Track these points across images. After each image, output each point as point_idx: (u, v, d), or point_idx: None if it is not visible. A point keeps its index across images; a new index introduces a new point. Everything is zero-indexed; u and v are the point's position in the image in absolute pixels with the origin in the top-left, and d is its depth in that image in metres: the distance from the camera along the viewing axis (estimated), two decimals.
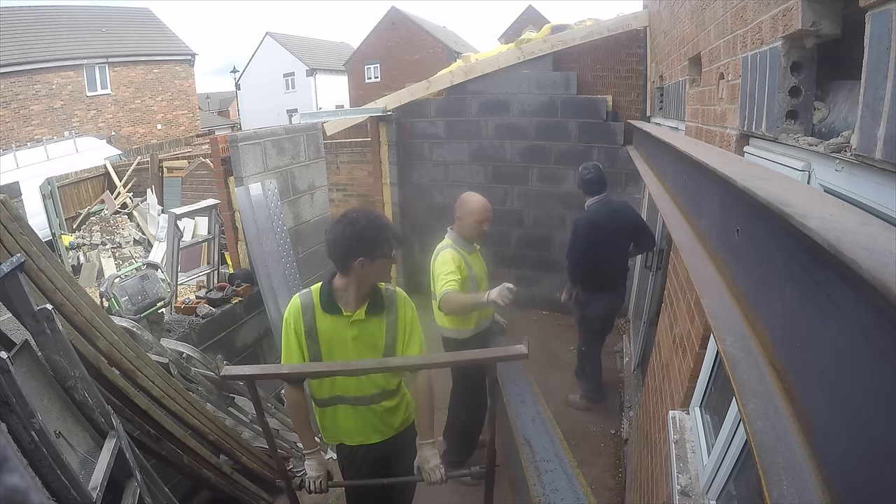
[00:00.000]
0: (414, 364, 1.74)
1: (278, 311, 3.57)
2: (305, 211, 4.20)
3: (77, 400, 1.62)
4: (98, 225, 8.66)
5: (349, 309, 1.77)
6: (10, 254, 1.62)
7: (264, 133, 3.75)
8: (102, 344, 1.95)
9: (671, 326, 2.16)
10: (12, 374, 1.25)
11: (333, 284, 1.78)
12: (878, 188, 0.78)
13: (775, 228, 0.70)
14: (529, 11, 22.99)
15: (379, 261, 1.70)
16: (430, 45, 22.88)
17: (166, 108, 18.79)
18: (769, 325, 0.76)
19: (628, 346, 4.38)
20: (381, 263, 1.72)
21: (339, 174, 6.80)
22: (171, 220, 3.92)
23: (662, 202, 1.79)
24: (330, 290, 1.78)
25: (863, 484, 0.48)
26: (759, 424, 0.63)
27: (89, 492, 1.41)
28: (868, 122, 0.75)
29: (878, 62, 0.72)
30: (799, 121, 1.12)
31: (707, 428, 1.64)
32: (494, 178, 5.31)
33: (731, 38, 1.58)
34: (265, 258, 3.54)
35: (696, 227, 1.33)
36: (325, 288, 1.79)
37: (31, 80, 14.90)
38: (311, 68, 26.35)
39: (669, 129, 2.93)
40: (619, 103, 4.94)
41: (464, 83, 5.15)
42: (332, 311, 1.77)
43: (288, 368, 1.72)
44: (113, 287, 2.98)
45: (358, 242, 1.66)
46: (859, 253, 0.45)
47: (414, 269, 5.92)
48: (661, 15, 3.74)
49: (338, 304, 1.77)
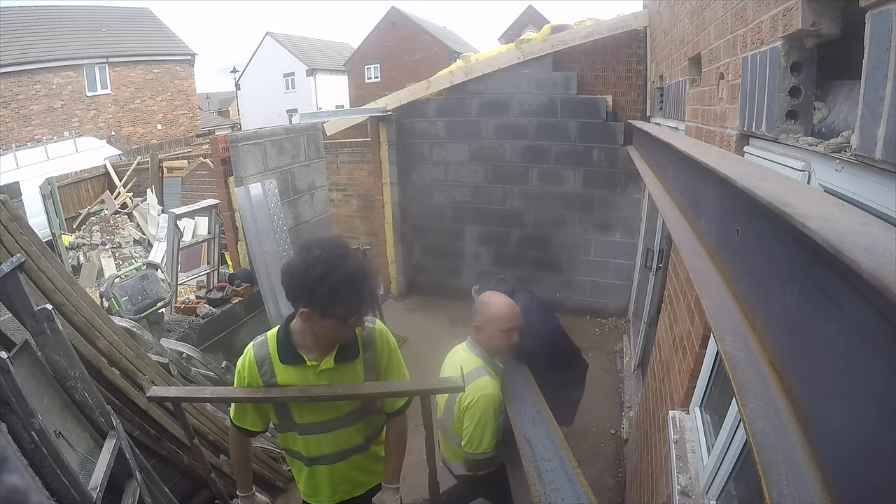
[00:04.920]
0: (353, 395, 1.47)
1: (278, 311, 3.58)
2: (305, 211, 4.20)
3: (77, 400, 1.62)
4: (98, 225, 8.66)
5: (313, 357, 1.45)
6: (10, 254, 1.62)
7: (264, 133, 3.75)
8: (102, 344, 1.95)
9: (671, 326, 2.16)
10: (12, 374, 1.25)
11: (291, 329, 1.46)
12: (878, 188, 0.78)
13: (775, 228, 0.70)
14: (529, 11, 22.96)
15: (330, 321, 1.33)
16: (430, 45, 22.85)
17: (166, 108, 18.77)
18: (769, 325, 0.76)
19: (628, 346, 4.38)
20: (334, 325, 1.34)
21: (339, 174, 6.80)
22: (171, 220, 3.92)
23: (662, 202, 1.79)
24: (287, 335, 1.45)
25: (862, 483, 0.48)
26: (759, 424, 0.63)
27: (89, 492, 1.41)
28: (868, 122, 0.75)
29: (878, 62, 0.72)
30: (799, 121, 1.12)
31: (707, 428, 1.64)
32: (494, 178, 5.31)
33: (731, 38, 1.58)
34: (265, 258, 3.55)
35: (696, 227, 1.33)
36: (282, 334, 1.46)
37: (31, 80, 14.88)
38: (311, 68, 26.34)
39: (669, 129, 2.92)
40: (619, 103, 4.94)
41: (464, 83, 5.15)
42: (292, 362, 1.45)
43: (210, 392, 1.56)
44: (113, 287, 2.98)
45: (305, 290, 1.29)
46: (859, 253, 0.45)
47: (414, 269, 5.93)
48: (661, 15, 3.74)
49: (299, 353, 1.45)
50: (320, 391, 1.44)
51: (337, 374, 1.48)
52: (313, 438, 1.54)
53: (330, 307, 1.30)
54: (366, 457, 1.66)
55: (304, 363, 1.45)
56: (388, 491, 1.63)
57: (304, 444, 1.56)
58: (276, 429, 1.62)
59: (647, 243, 4.12)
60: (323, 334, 1.41)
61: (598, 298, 5.22)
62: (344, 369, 1.49)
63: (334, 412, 1.51)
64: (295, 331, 1.46)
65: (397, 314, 5.31)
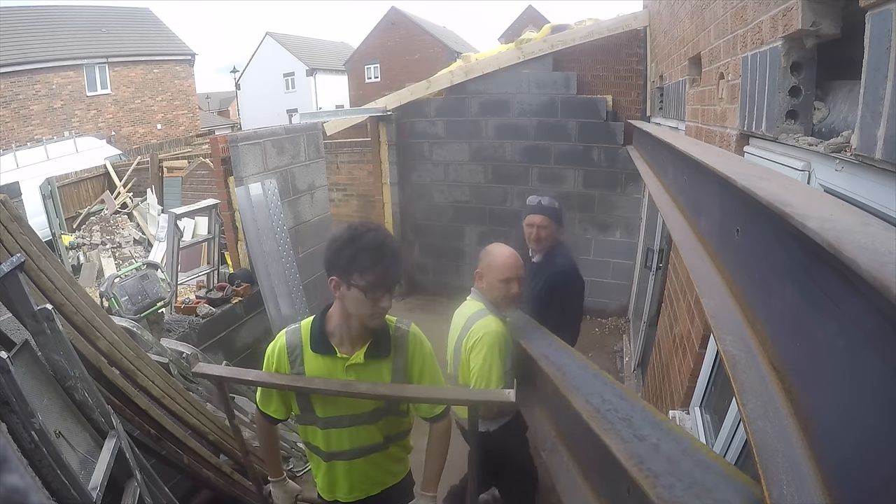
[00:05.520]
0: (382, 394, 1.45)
1: (278, 311, 3.58)
2: (305, 211, 4.20)
3: (77, 400, 1.62)
4: (98, 225, 8.66)
5: (344, 350, 1.46)
6: (10, 254, 1.62)
7: (264, 133, 3.75)
8: (102, 344, 1.95)
9: (671, 326, 2.16)
10: (12, 374, 1.25)
11: (327, 317, 1.48)
12: (878, 188, 0.78)
13: (775, 228, 0.70)
14: (529, 11, 22.96)
15: (354, 291, 1.35)
16: (430, 45, 22.85)
17: (166, 108, 18.77)
18: (769, 325, 0.76)
19: (628, 346, 4.38)
20: (358, 297, 1.35)
21: (339, 174, 6.80)
22: (171, 219, 3.92)
23: (662, 202, 1.79)
24: (322, 324, 1.47)
25: (862, 483, 0.48)
26: (759, 424, 0.63)
27: (89, 492, 1.41)
28: (868, 122, 0.75)
29: (878, 62, 0.72)
30: (799, 121, 1.12)
31: (707, 428, 1.65)
32: (494, 178, 5.31)
33: (731, 38, 1.58)
34: (265, 258, 3.54)
35: (696, 227, 1.33)
36: (317, 322, 1.48)
37: (31, 80, 14.88)
38: (311, 68, 26.34)
39: (669, 129, 2.93)
40: (619, 103, 4.94)
41: (464, 83, 5.15)
42: (323, 352, 1.46)
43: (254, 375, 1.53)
44: (113, 287, 2.98)
45: (333, 255, 1.36)
46: (859, 253, 0.45)
47: (414, 269, 5.93)
48: (661, 15, 3.74)
49: (331, 343, 1.46)
50: (363, 388, 1.43)
51: (366, 370, 1.47)
52: (334, 433, 1.54)
53: (354, 273, 1.33)
54: (385, 456, 1.63)
55: (335, 354, 1.46)
56: (424, 499, 1.59)
57: (324, 438, 1.55)
58: (296, 420, 1.61)
59: (647, 243, 4.12)
60: (352, 312, 1.40)
61: (598, 298, 5.21)
62: (373, 366, 1.48)
63: (357, 408, 1.50)
64: (331, 318, 1.47)
65: (397, 314, 5.23)
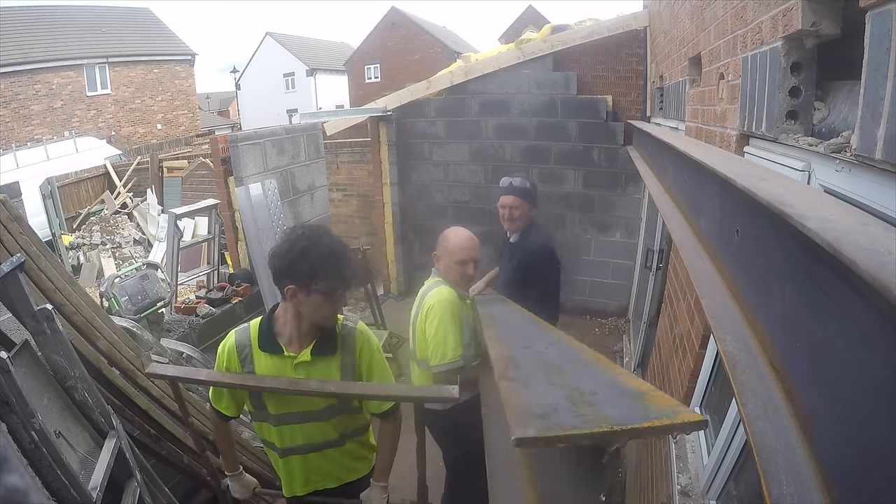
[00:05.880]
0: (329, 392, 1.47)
1: None
2: (305, 211, 4.20)
3: (77, 400, 1.62)
4: (98, 225, 8.66)
5: (292, 349, 1.49)
6: (10, 254, 1.62)
7: (264, 133, 3.75)
8: (102, 344, 1.95)
9: (671, 326, 2.16)
10: (12, 374, 1.25)
11: (275, 317, 1.51)
12: (878, 188, 0.78)
13: (775, 229, 0.70)
14: (529, 11, 22.96)
15: (315, 296, 1.39)
16: (430, 45, 22.85)
17: (166, 108, 18.77)
18: (769, 325, 0.75)
19: (628, 346, 4.38)
20: (318, 301, 1.39)
21: (339, 174, 6.80)
22: (171, 220, 3.93)
23: (662, 202, 1.79)
24: (270, 323, 1.50)
25: (862, 483, 0.48)
26: (759, 424, 0.63)
27: (89, 492, 1.41)
28: (868, 122, 0.75)
29: (878, 62, 0.72)
30: (799, 121, 1.12)
31: (707, 428, 1.64)
32: (494, 179, 5.29)
33: (731, 39, 1.58)
34: (265, 258, 3.54)
35: (695, 228, 1.33)
36: (265, 321, 1.51)
37: (31, 80, 14.88)
38: (311, 68, 26.34)
39: (669, 130, 2.92)
40: (619, 103, 4.94)
41: (464, 83, 5.15)
42: (271, 351, 1.49)
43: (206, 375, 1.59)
44: (113, 287, 2.98)
45: (289, 265, 1.37)
46: (859, 253, 0.45)
47: (414, 269, 5.92)
48: (661, 15, 3.74)
49: (278, 342, 1.49)
50: (313, 386, 1.46)
51: (313, 368, 1.50)
52: (287, 429, 1.56)
53: (315, 280, 1.37)
54: (342, 452, 1.66)
55: (282, 353, 1.49)
56: (376, 489, 1.65)
57: (277, 434, 1.57)
58: (251, 418, 1.64)
59: (647, 243, 4.12)
60: (308, 315, 1.44)
61: (598, 298, 5.21)
62: (320, 364, 1.50)
63: (308, 405, 1.53)
64: (278, 319, 1.50)
65: (397, 314, 5.30)
